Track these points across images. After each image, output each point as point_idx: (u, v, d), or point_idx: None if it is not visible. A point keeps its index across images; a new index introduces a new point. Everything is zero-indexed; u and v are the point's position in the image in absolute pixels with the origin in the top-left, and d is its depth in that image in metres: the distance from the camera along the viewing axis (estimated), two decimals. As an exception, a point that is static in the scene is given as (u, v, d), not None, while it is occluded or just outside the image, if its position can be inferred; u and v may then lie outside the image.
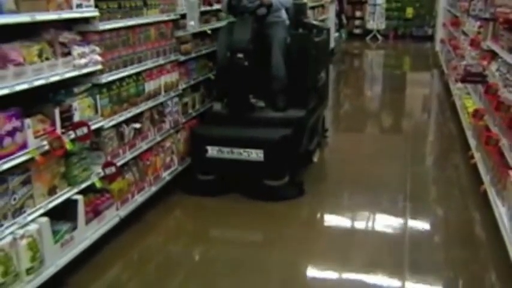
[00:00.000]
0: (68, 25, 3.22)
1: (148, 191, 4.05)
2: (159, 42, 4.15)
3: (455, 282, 3.29)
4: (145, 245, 3.70)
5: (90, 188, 3.34)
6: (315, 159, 5.23)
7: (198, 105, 5.05)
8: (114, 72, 3.54)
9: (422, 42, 14.93)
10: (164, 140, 4.33)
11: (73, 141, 3.07)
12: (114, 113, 3.57)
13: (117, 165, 3.52)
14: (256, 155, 4.25)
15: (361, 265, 3.41)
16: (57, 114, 2.96)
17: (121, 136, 3.71)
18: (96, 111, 3.35)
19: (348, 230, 4.05)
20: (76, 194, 3.18)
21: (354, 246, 3.70)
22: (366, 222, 4.13)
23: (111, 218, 3.55)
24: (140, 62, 3.88)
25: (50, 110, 2.95)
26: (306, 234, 3.86)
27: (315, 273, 3.43)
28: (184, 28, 4.54)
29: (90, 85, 3.33)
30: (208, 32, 5.10)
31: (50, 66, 2.90)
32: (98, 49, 3.31)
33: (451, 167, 5.33)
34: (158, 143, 4.23)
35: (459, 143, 5.83)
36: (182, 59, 4.57)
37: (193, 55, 4.82)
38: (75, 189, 3.17)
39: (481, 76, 4.79)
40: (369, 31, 15.64)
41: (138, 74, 3.88)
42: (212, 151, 4.34)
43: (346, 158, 5.61)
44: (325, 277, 3.35)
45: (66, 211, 3.12)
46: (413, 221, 4.06)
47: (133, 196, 3.84)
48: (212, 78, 5.17)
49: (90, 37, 3.33)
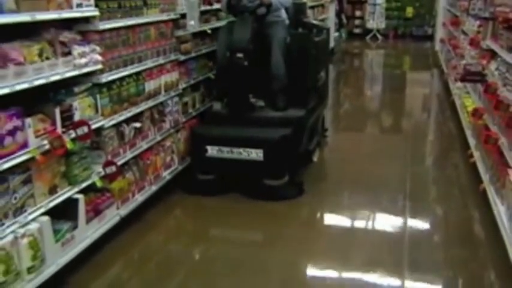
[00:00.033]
0: (68, 25, 3.23)
1: (149, 190, 4.06)
2: (159, 42, 4.16)
3: (454, 281, 3.30)
4: (146, 244, 3.71)
5: (90, 187, 3.35)
6: (315, 159, 5.23)
7: (198, 105, 5.06)
8: (115, 71, 3.55)
9: (422, 42, 14.93)
10: (164, 140, 4.34)
11: (73, 140, 3.08)
12: (115, 112, 3.58)
13: (117, 165, 3.53)
14: (256, 154, 4.25)
15: (361, 264, 3.42)
16: (58, 113, 2.97)
17: (121, 135, 3.72)
18: (96, 111, 3.36)
19: (348, 229, 4.06)
20: (77, 193, 3.19)
21: (353, 245, 3.71)
22: (366, 221, 4.13)
23: (112, 217, 3.56)
24: (140, 61, 3.88)
25: (50, 109, 2.96)
26: (306, 234, 3.87)
27: (315, 273, 3.44)
28: (184, 28, 4.54)
29: (91, 85, 3.33)
30: (208, 32, 5.11)
31: (50, 66, 2.91)
32: (98, 49, 3.32)
33: (451, 166, 5.34)
34: (158, 143, 4.24)
35: (459, 142, 5.84)
36: (182, 58, 4.58)
37: (193, 55, 4.83)
38: (76, 189, 3.18)
39: (480, 75, 4.80)
40: (368, 31, 15.65)
41: (138, 74, 3.88)
42: (212, 151, 4.34)
43: (346, 157, 5.62)
44: (325, 276, 3.35)
45: (67, 210, 3.13)
46: (413, 220, 4.07)
47: (133, 195, 3.85)
48: (212, 77, 5.18)
49: (91, 37, 3.33)
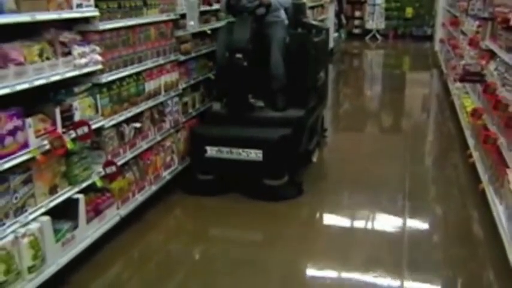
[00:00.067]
0: (68, 25, 3.24)
1: (149, 190, 4.07)
2: (159, 42, 4.17)
3: (453, 281, 3.31)
4: (146, 244, 3.72)
5: (90, 187, 3.36)
6: (314, 159, 5.24)
7: (198, 105, 5.07)
8: (115, 72, 3.56)
9: (422, 42, 14.94)
10: (164, 140, 4.35)
11: (74, 140, 3.09)
12: (115, 112, 3.59)
13: (117, 165, 3.54)
14: (255, 154, 4.25)
15: (360, 264, 3.43)
16: (58, 113, 2.98)
17: (121, 135, 3.73)
18: (96, 111, 3.37)
19: (347, 229, 4.07)
20: (77, 193, 3.19)
21: (353, 245, 3.72)
22: (365, 221, 4.14)
23: (112, 217, 3.57)
24: (140, 61, 3.89)
25: (50, 109, 2.97)
26: (305, 234, 3.88)
27: (315, 272, 3.44)
28: (184, 28, 4.55)
29: (91, 85, 3.34)
30: (208, 32, 5.12)
31: (50, 66, 2.92)
32: (98, 49, 3.33)
33: (450, 166, 5.35)
34: (158, 143, 4.25)
35: (458, 142, 5.85)
36: (182, 58, 4.59)
37: (193, 55, 4.83)
38: (76, 189, 3.19)
39: (479, 75, 4.81)
40: (368, 31, 15.66)
41: (138, 74, 3.89)
42: (211, 151, 4.35)
43: (345, 157, 5.63)
44: (325, 276, 3.36)
45: (67, 210, 3.14)
46: (412, 219, 4.08)
47: (133, 195, 3.86)
48: (212, 78, 5.19)
49: (91, 37, 3.34)
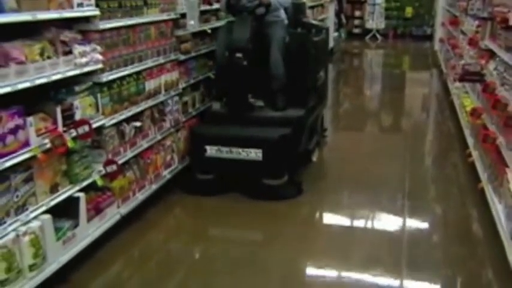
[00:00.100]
0: (69, 24, 3.24)
1: (149, 189, 4.08)
2: (159, 41, 4.18)
3: (453, 280, 3.32)
4: (146, 242, 3.73)
5: (91, 186, 3.37)
6: (314, 159, 5.25)
7: (198, 104, 5.08)
8: (115, 71, 3.57)
9: (422, 42, 14.95)
10: (165, 139, 4.36)
11: (74, 139, 3.10)
12: (115, 111, 3.60)
13: (118, 163, 3.55)
14: (255, 154, 4.26)
15: (360, 263, 3.44)
16: (59, 112, 2.99)
17: (122, 134, 3.74)
18: (97, 110, 3.38)
19: (347, 228, 4.08)
20: (78, 192, 3.20)
21: (353, 244, 3.73)
22: (365, 220, 4.16)
23: (112, 215, 3.58)
24: (140, 61, 3.90)
25: (51, 108, 2.97)
26: (305, 233, 3.89)
27: (315, 271, 3.45)
28: (184, 27, 4.56)
29: (91, 84, 3.35)
30: (208, 31, 5.13)
31: (51, 65, 2.93)
32: (98, 48, 3.34)
33: (449, 165, 5.37)
34: (159, 142, 4.26)
35: (457, 141, 5.86)
36: (182, 58, 4.60)
37: (193, 54, 4.84)
38: (77, 187, 3.20)
39: (479, 75, 4.82)
40: (368, 30, 15.66)
41: (138, 73, 3.90)
42: (211, 150, 4.35)
43: (345, 156, 5.64)
44: (325, 275, 3.37)
45: (68, 209, 3.14)
46: (411, 219, 4.09)
47: (134, 194, 3.87)
48: (212, 77, 5.20)
49: (91, 36, 3.35)
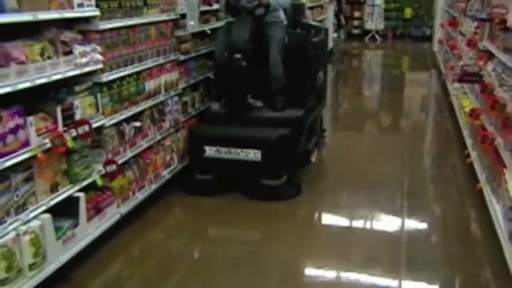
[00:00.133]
0: (69, 24, 3.25)
1: (149, 189, 4.09)
2: (159, 42, 4.19)
3: (451, 279, 3.33)
4: (146, 241, 3.75)
5: (91, 186, 3.38)
6: (313, 159, 5.26)
7: (198, 104, 5.09)
8: (115, 71, 3.58)
9: (421, 43, 14.98)
10: (164, 139, 4.37)
11: (74, 139, 3.11)
12: (115, 111, 3.61)
13: (118, 163, 3.56)
14: (254, 154, 4.27)
15: (358, 263, 3.46)
16: (59, 112, 3.00)
17: (122, 134, 3.75)
18: (97, 110, 3.39)
19: (346, 228, 4.09)
20: (77, 191, 3.21)
21: (351, 244, 3.74)
22: (364, 220, 4.16)
23: (112, 215, 3.59)
24: (140, 61, 3.91)
25: (51, 108, 2.98)
26: (304, 233, 3.90)
27: (313, 271, 3.46)
28: (184, 28, 4.57)
29: (91, 84, 3.36)
30: (208, 32, 5.14)
31: (51, 65, 2.94)
32: (98, 48, 3.35)
33: (448, 165, 5.38)
34: (158, 142, 4.27)
35: (456, 142, 5.88)
36: (182, 58, 4.61)
37: (193, 54, 4.86)
38: (77, 187, 3.21)
39: (477, 76, 4.84)
40: (367, 31, 15.67)
41: (138, 73, 3.91)
42: (210, 151, 4.36)
43: (344, 156, 5.65)
44: (324, 274, 3.38)
45: (68, 208, 3.15)
46: (410, 219, 4.10)
47: (133, 194, 3.88)
48: (212, 77, 5.21)
49: (91, 36, 3.36)
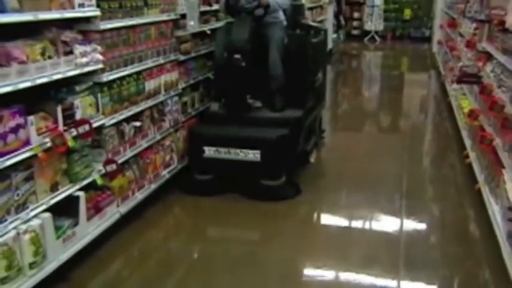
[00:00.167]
0: (70, 24, 3.26)
1: (148, 189, 4.10)
2: (159, 42, 4.20)
3: (450, 279, 3.34)
4: (145, 241, 3.76)
5: (91, 185, 3.39)
6: (312, 160, 5.27)
7: (198, 105, 5.10)
8: (115, 71, 3.59)
9: (420, 44, 15.00)
10: (164, 139, 4.38)
11: (75, 138, 3.12)
12: (115, 111, 3.62)
13: (117, 163, 3.57)
14: (253, 155, 4.27)
15: (357, 262, 3.47)
16: (60, 111, 3.01)
17: (122, 134, 3.76)
18: (97, 110, 3.40)
19: (345, 227, 4.10)
20: (77, 191, 3.22)
21: (351, 243, 3.75)
22: (363, 220, 4.17)
23: (112, 214, 3.60)
24: (140, 61, 3.92)
25: (52, 107, 2.99)
26: (304, 232, 3.91)
27: (313, 271, 3.47)
28: (184, 28, 4.58)
29: (92, 83, 3.37)
30: (208, 32, 5.15)
31: (52, 65, 2.95)
32: (99, 48, 3.36)
33: (447, 166, 5.40)
34: (158, 142, 4.28)
35: (455, 142, 5.89)
36: (182, 58, 4.62)
37: (193, 55, 4.87)
38: (77, 186, 3.22)
39: (476, 77, 4.86)
40: (367, 32, 15.70)
41: (138, 73, 3.92)
42: (209, 151, 4.37)
43: (343, 156, 5.66)
44: (323, 274, 3.39)
45: (68, 207, 3.17)
46: (409, 219, 4.11)
47: (133, 193, 3.89)
48: (211, 77, 5.22)
49: (92, 36, 3.37)
